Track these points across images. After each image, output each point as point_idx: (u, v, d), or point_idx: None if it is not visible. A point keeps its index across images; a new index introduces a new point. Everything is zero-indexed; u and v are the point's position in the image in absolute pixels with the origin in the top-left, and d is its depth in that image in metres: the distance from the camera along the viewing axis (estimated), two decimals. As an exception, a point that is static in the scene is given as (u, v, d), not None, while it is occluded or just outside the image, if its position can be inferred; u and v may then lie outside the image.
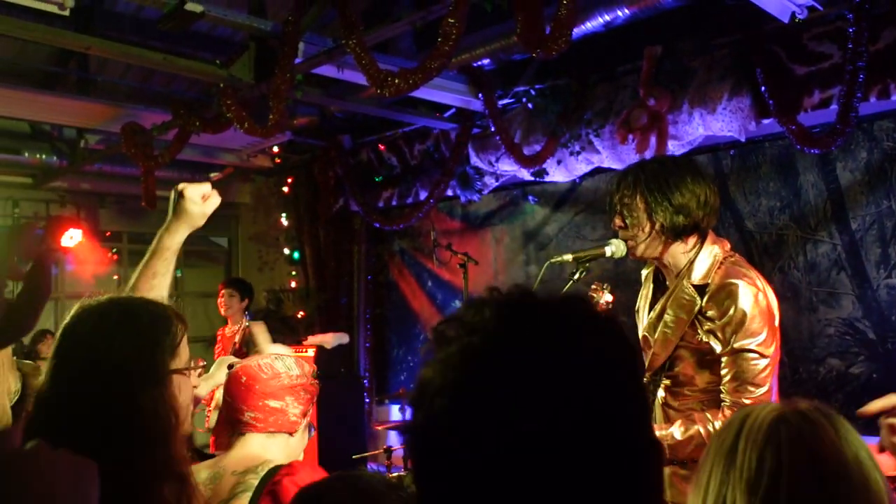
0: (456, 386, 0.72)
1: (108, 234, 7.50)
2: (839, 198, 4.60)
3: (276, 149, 7.21)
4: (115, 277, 7.76)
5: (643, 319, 2.47)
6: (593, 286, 2.32)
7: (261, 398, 1.85)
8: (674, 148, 4.78)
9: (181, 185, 1.87)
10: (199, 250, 8.73)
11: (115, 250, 7.67)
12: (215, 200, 1.94)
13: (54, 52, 5.79)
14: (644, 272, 2.58)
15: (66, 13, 3.64)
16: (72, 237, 6.64)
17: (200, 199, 1.89)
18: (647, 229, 2.28)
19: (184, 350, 1.38)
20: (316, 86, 5.36)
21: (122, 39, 5.05)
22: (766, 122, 4.49)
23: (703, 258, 2.29)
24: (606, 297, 2.30)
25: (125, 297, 1.45)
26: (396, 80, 3.71)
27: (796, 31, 4.31)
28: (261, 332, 3.64)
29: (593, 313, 0.78)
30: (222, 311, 5.68)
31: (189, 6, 3.82)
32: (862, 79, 3.98)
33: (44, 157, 6.34)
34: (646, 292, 2.53)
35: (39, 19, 4.00)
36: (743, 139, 4.59)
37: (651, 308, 2.42)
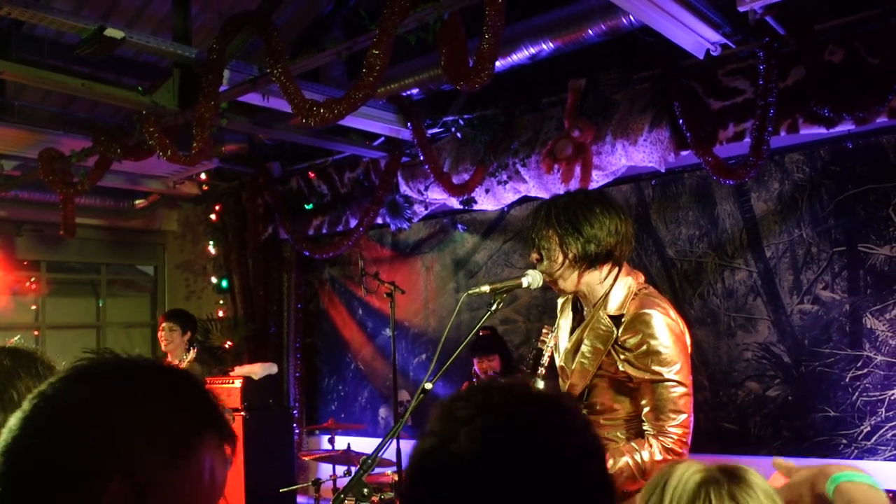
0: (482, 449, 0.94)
1: (25, 262, 7.22)
2: (754, 227, 4.78)
3: (203, 176, 7.09)
4: (34, 308, 7.48)
5: (559, 349, 2.51)
6: (544, 330, 2.33)
7: None
8: (598, 178, 4.89)
9: None
10: (124, 279, 8.48)
11: (32, 279, 7.39)
12: None
13: (-32, 76, 5.59)
14: (560, 301, 2.63)
15: (-22, 37, 3.52)
16: (-16, 267, 6.42)
17: None
18: (560, 260, 2.34)
19: None
20: (243, 113, 5.31)
21: (42, 63, 4.92)
22: (684, 153, 4.63)
23: (619, 289, 2.35)
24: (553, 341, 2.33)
25: None
26: (322, 110, 3.71)
27: (711, 67, 4.49)
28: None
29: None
30: (163, 346, 5.39)
31: (109, 32, 3.75)
32: (773, 113, 4.16)
33: (-44, 183, 6.10)
34: (563, 322, 2.57)
35: (-50, 42, 3.88)
36: (663, 170, 4.74)
37: (569, 338, 2.46)
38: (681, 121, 4.49)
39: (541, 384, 2.29)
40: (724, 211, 4.91)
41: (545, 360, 2.29)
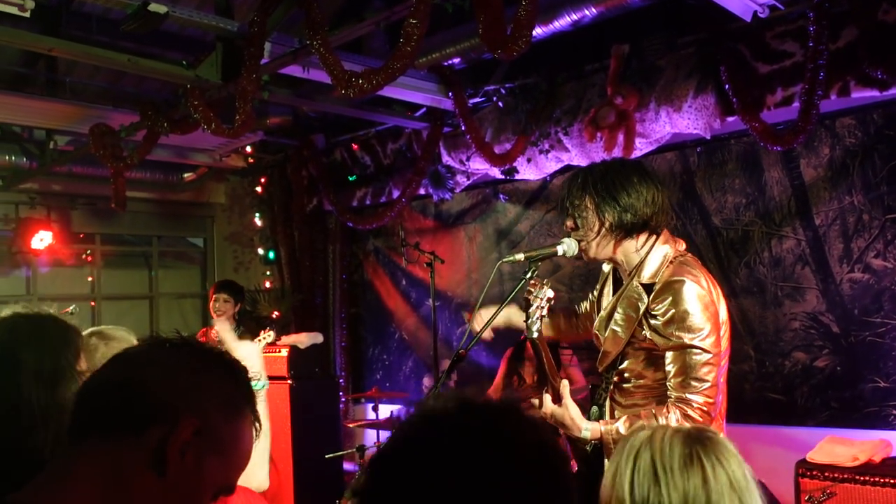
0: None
1: (80, 235, 7.44)
2: (803, 194, 4.66)
3: (249, 149, 7.19)
4: (90, 279, 7.72)
5: (595, 316, 2.51)
6: (532, 282, 2.33)
7: None
8: (641, 146, 4.82)
9: None
10: (174, 251, 8.69)
11: (88, 252, 7.62)
12: None
13: (22, 54, 5.74)
14: (605, 267, 2.61)
15: (27, 14, 3.60)
16: (42, 239, 6.64)
17: None
18: (596, 228, 2.33)
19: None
20: (286, 85, 5.35)
21: (90, 40, 5.01)
22: (730, 119, 4.52)
23: (654, 257, 2.32)
24: (548, 294, 2.31)
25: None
26: (360, 81, 3.72)
27: (760, 30, 4.35)
28: (225, 330, 3.61)
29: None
30: (215, 316, 5.48)
31: (153, 7, 3.80)
32: (823, 77, 4.02)
33: (13, 158, 6.28)
34: (605, 289, 2.56)
35: (3, 21, 3.97)
36: (708, 137, 4.63)
37: (605, 307, 2.46)
38: (727, 86, 4.38)
39: (535, 334, 2.31)
40: (771, 178, 4.80)
41: (534, 310, 2.31)
